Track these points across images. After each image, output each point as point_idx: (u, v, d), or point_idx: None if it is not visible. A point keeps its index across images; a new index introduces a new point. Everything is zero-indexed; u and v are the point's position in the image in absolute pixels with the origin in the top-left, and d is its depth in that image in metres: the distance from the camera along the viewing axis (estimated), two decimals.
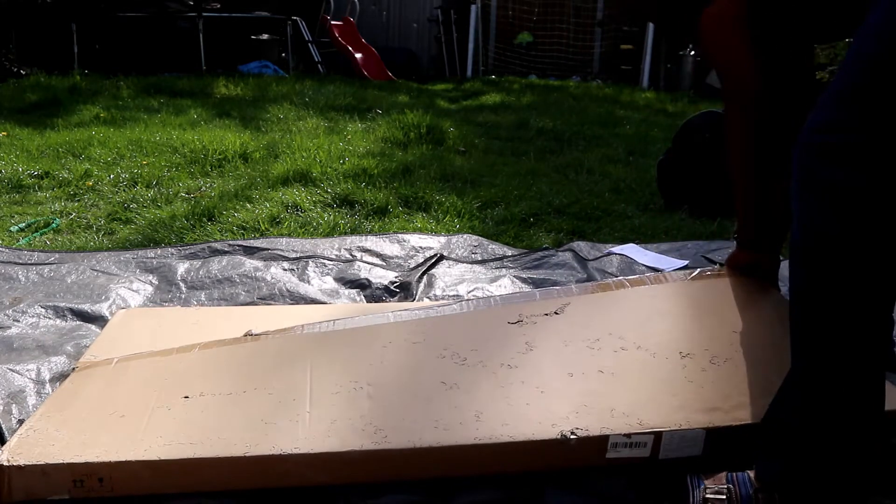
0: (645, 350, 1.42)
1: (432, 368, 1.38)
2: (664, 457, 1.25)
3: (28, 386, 1.49)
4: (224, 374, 1.39)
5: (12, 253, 2.28)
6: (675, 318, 1.52)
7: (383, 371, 1.38)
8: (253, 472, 1.17)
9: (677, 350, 1.42)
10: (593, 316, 1.52)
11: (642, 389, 1.32)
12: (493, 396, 1.31)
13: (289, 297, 2.05)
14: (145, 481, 1.16)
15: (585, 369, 1.37)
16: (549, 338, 1.45)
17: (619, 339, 1.44)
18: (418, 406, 1.29)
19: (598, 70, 9.46)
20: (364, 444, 1.20)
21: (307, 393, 1.32)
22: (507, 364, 1.38)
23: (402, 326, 1.49)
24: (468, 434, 1.22)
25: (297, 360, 1.42)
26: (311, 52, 8.70)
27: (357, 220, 2.82)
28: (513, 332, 1.46)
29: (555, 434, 1.22)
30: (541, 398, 1.30)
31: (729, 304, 1.57)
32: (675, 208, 3.12)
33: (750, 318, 1.54)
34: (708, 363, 1.39)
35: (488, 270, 2.31)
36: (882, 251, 0.99)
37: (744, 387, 1.34)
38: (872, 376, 1.07)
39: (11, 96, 5.49)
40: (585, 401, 1.30)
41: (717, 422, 1.26)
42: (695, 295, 1.61)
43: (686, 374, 1.36)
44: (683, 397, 1.31)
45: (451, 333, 1.46)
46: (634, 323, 1.49)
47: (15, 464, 1.14)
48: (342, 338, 1.48)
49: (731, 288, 1.64)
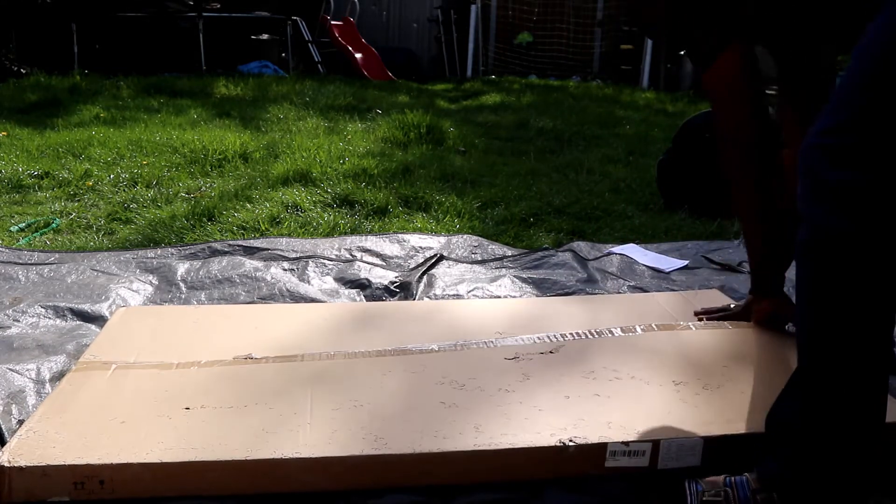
0: (639, 380, 1.46)
1: (431, 392, 1.40)
2: (663, 466, 1.26)
3: (28, 386, 1.49)
4: (225, 390, 1.39)
5: (12, 253, 2.28)
6: (668, 355, 1.57)
7: (383, 393, 1.39)
8: (254, 476, 1.17)
9: (671, 379, 1.47)
10: (588, 354, 1.57)
11: (638, 409, 1.36)
12: (492, 413, 1.33)
13: (289, 297, 2.05)
14: (146, 484, 1.16)
15: (581, 394, 1.40)
16: (545, 370, 1.49)
17: (613, 371, 1.49)
18: (418, 420, 1.30)
19: (598, 70, 9.46)
20: (364, 450, 1.20)
21: (308, 409, 1.32)
22: (504, 389, 1.41)
23: (400, 359, 1.53)
24: (468, 441, 1.24)
25: (298, 381, 1.43)
26: (311, 52, 8.70)
27: (357, 220, 2.82)
28: (510, 366, 1.51)
29: (554, 442, 1.24)
30: (539, 414, 1.33)
31: (722, 346, 1.63)
32: (675, 208, 3.12)
33: (744, 352, 1.59)
34: (701, 389, 1.44)
35: (488, 270, 2.31)
36: (883, 250, 1.00)
37: (738, 406, 1.38)
38: (876, 377, 1.07)
39: (11, 96, 5.49)
40: (583, 416, 1.32)
41: (715, 431, 1.29)
42: (689, 337, 1.66)
43: (681, 398, 1.40)
44: (679, 415, 1.34)
45: (449, 366, 1.50)
46: (628, 359, 1.54)
47: (16, 465, 1.14)
48: (342, 366, 1.51)
49: (727, 331, 1.70)
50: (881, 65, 0.99)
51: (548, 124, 5.13)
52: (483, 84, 7.86)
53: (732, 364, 1.53)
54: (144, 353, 1.54)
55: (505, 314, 1.84)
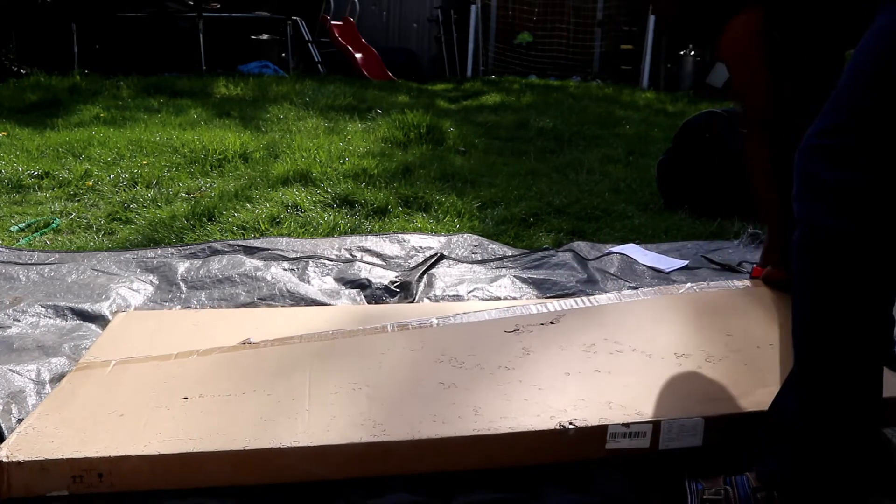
0: (641, 352, 1.44)
1: (430, 371, 1.39)
2: (664, 447, 1.25)
3: (28, 386, 1.49)
4: (222, 378, 1.39)
5: (12, 253, 2.28)
6: (671, 324, 1.54)
7: (382, 374, 1.38)
8: (252, 466, 1.17)
9: (672, 352, 1.44)
10: (588, 324, 1.54)
11: (639, 385, 1.34)
12: (491, 394, 1.32)
13: (289, 298, 2.05)
14: (145, 476, 1.16)
15: (582, 369, 1.39)
16: (545, 344, 1.47)
17: (615, 344, 1.46)
18: (417, 403, 1.29)
19: (598, 70, 9.46)
20: (363, 437, 1.20)
21: (306, 394, 1.32)
22: (504, 366, 1.40)
23: (399, 336, 1.51)
24: (467, 426, 1.23)
25: (296, 365, 1.43)
26: (311, 52, 8.70)
27: (357, 220, 2.82)
28: (510, 339, 1.49)
29: (553, 425, 1.23)
30: (538, 394, 1.31)
31: (724, 310, 1.59)
32: (675, 208, 3.12)
33: (746, 322, 1.56)
34: (703, 362, 1.41)
35: (488, 270, 2.31)
36: (881, 249, 1.01)
37: (741, 381, 1.36)
38: (872, 375, 1.08)
39: (11, 96, 5.49)
40: (583, 395, 1.31)
41: (716, 410, 1.27)
42: (690, 303, 1.63)
43: (682, 372, 1.38)
44: (680, 391, 1.32)
45: (448, 342, 1.48)
46: (629, 329, 1.51)
47: (14, 460, 1.14)
48: (340, 347, 1.50)
49: (728, 296, 1.66)
50: (881, 66, 0.99)
51: (548, 124, 5.13)
52: (483, 84, 7.86)
53: (736, 333, 1.49)
54: (144, 353, 1.54)
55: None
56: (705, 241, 2.68)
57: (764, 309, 1.61)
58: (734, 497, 1.14)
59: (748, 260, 2.47)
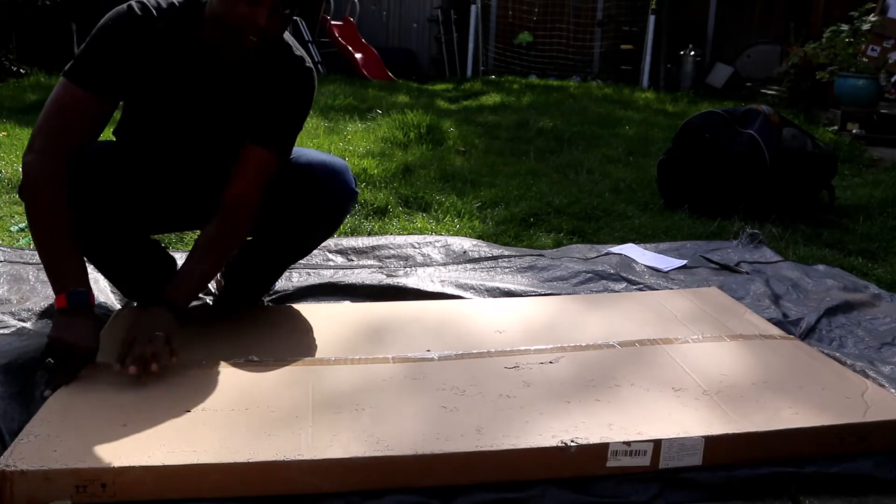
0: (639, 387, 1.47)
1: (432, 397, 1.41)
2: (664, 466, 1.27)
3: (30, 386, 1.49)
4: (225, 392, 1.40)
5: (14, 253, 2.28)
6: (667, 366, 1.58)
7: (384, 398, 1.40)
8: (256, 478, 1.18)
9: (670, 386, 1.48)
10: (587, 364, 1.58)
11: (638, 412, 1.37)
12: (494, 417, 1.34)
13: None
14: (148, 487, 1.16)
15: (582, 399, 1.42)
16: (545, 378, 1.50)
17: (613, 379, 1.50)
18: (420, 423, 1.31)
19: (598, 70, 9.46)
20: (366, 452, 1.21)
21: (309, 412, 1.33)
22: (505, 395, 1.42)
23: (401, 367, 1.53)
24: (470, 443, 1.25)
25: (298, 385, 1.44)
26: (311, 52, 8.70)
27: (357, 221, 2.82)
28: (510, 374, 1.52)
29: (555, 443, 1.24)
30: (540, 417, 1.34)
31: (721, 356, 1.63)
32: (674, 208, 3.13)
33: (743, 363, 1.60)
34: (701, 394, 1.45)
35: (488, 270, 2.31)
36: None
37: (739, 408, 1.39)
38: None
39: (11, 96, 5.50)
40: (584, 419, 1.33)
41: (716, 430, 1.30)
42: (688, 350, 1.66)
43: (680, 403, 1.41)
44: (679, 417, 1.35)
45: (449, 374, 1.51)
46: (627, 369, 1.55)
47: (17, 469, 1.13)
48: (342, 372, 1.51)
49: (725, 344, 1.70)
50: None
51: (548, 124, 5.13)
52: (483, 84, 7.86)
53: (731, 373, 1.54)
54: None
55: (505, 314, 1.85)
56: (704, 241, 2.69)
57: (761, 357, 1.65)
58: None
59: (747, 259, 2.48)
